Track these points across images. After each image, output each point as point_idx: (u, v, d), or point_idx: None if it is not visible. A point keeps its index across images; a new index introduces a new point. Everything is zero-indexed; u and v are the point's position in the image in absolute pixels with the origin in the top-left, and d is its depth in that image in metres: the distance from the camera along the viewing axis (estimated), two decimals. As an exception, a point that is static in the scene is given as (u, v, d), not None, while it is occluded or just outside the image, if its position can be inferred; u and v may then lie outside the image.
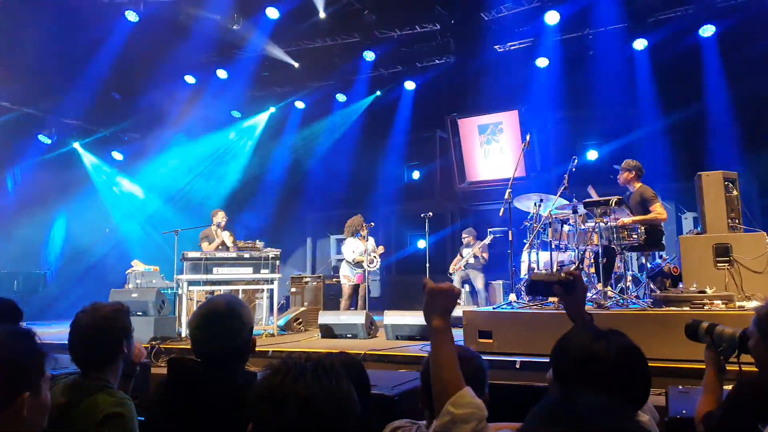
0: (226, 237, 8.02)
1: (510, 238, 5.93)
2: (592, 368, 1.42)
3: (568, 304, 1.92)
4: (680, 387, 3.14)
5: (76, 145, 12.32)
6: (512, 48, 10.36)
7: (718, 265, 5.13)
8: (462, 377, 1.46)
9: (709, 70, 9.10)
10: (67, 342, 2.09)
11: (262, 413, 1.14)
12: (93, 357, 2.05)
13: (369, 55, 10.67)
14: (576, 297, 1.90)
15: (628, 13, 9.12)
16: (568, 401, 0.83)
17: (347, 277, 8.16)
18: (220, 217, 8.23)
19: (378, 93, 11.77)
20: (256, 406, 1.16)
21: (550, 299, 5.19)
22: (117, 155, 12.86)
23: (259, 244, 8.03)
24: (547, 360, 1.57)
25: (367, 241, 8.19)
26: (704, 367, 2.65)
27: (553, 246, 5.91)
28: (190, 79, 11.39)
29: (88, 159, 12.54)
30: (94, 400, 1.94)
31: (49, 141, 11.79)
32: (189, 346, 1.99)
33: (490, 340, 4.78)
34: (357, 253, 8.16)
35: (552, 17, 9.23)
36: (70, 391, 1.99)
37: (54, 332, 7.55)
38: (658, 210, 5.65)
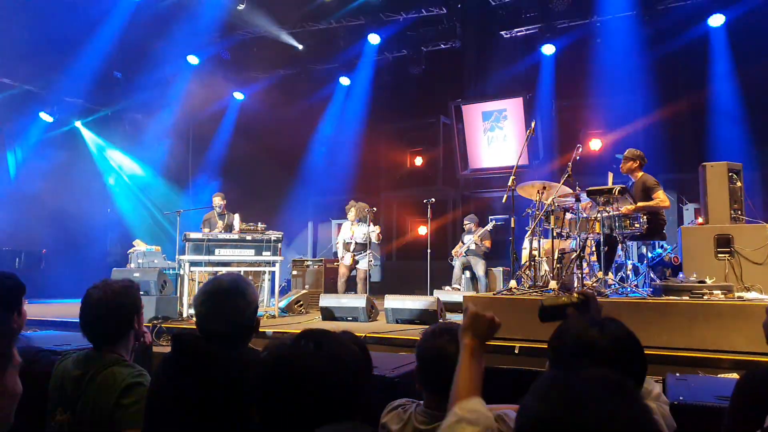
0: (236, 220, 8.01)
1: (512, 225, 5.94)
2: (587, 356, 1.42)
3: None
4: (677, 374, 3.17)
5: (78, 123, 12.28)
6: (519, 34, 10.30)
7: (719, 255, 5.14)
8: (479, 391, 1.47)
9: (716, 59, 9.04)
10: (78, 319, 2.11)
11: (268, 396, 1.14)
12: (105, 332, 2.09)
13: (374, 39, 10.58)
14: (590, 317, 1.76)
15: (637, 0, 9.04)
16: (566, 375, 0.83)
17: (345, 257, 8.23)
18: (217, 201, 8.24)
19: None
20: (262, 389, 1.16)
21: (551, 286, 5.21)
22: (119, 134, 12.82)
23: (261, 226, 8.03)
24: (546, 345, 1.58)
25: (368, 226, 8.21)
26: (702, 355, 2.65)
27: (554, 234, 5.91)
28: (192, 59, 11.32)
29: (90, 138, 12.51)
30: (112, 372, 1.98)
31: (50, 119, 11.74)
32: (191, 326, 2.00)
33: (490, 326, 4.80)
34: (357, 236, 8.20)
35: (559, 4, 9.16)
36: (84, 364, 2.03)
37: (54, 310, 7.61)
38: (661, 197, 5.64)
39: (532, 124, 6.32)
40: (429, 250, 7.86)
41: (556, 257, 5.54)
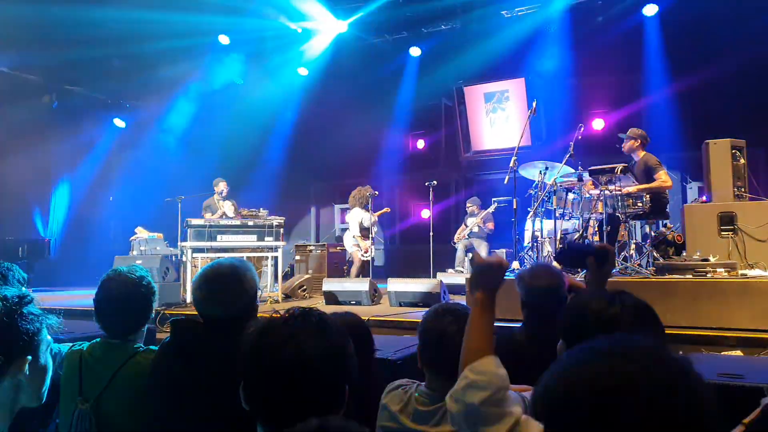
0: (228, 207, 8.00)
1: (514, 207, 5.92)
2: (610, 332, 1.42)
3: (594, 277, 1.92)
4: (680, 353, 3.17)
5: (79, 111, 12.23)
6: (520, 13, 10.14)
7: (722, 233, 5.12)
8: (491, 348, 1.41)
9: (719, 36, 8.90)
10: (94, 309, 2.11)
11: (253, 373, 1.14)
12: (129, 323, 2.08)
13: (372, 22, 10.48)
14: (605, 272, 1.91)
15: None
16: (619, 341, 0.83)
17: (357, 246, 8.14)
18: (222, 186, 8.21)
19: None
20: (250, 365, 1.15)
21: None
22: (119, 122, 12.78)
23: (263, 212, 8.02)
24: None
25: (370, 213, 8.16)
26: (705, 333, 2.57)
27: (557, 214, 5.89)
28: (191, 45, 11.21)
29: (90, 125, 12.47)
30: (136, 360, 2.00)
31: (51, 107, 11.70)
32: (194, 312, 2.00)
33: (493, 307, 4.79)
34: (366, 223, 8.12)
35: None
36: (104, 353, 2.03)
37: (59, 298, 7.65)
38: (663, 177, 5.61)
39: (533, 104, 6.26)
40: (432, 233, 7.84)
41: (558, 237, 5.53)
